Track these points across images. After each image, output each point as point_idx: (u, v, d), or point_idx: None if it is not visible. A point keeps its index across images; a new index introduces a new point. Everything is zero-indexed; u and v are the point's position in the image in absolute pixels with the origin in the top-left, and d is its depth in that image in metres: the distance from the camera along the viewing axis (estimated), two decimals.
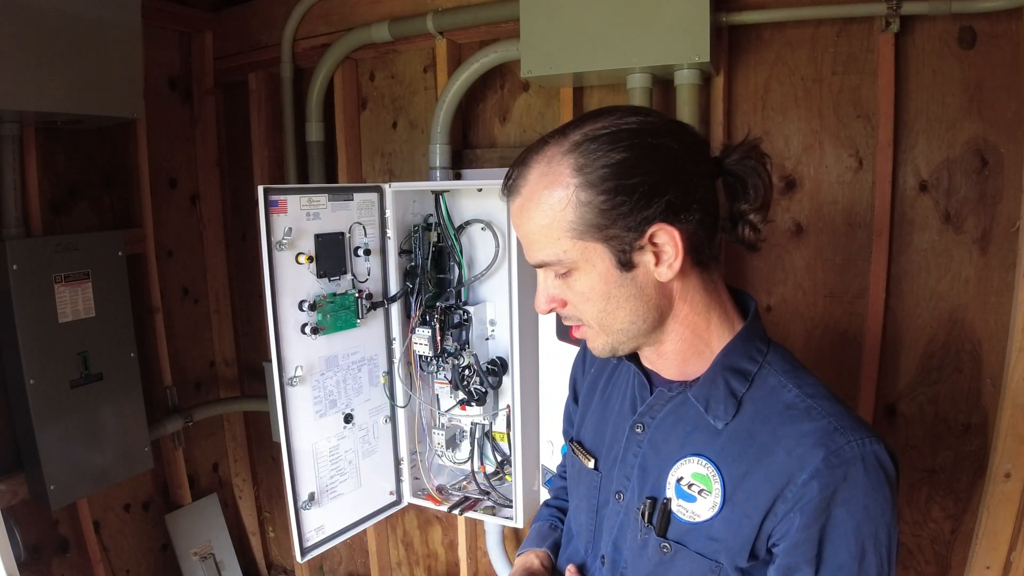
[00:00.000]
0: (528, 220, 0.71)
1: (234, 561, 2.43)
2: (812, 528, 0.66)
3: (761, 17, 1.44)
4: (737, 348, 0.74)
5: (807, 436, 0.68)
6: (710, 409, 0.73)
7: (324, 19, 1.99)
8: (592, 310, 0.73)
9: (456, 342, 1.61)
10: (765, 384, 0.73)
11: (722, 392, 0.73)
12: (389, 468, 1.72)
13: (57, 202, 1.94)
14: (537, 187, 0.70)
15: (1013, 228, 1.33)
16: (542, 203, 0.69)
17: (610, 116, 0.70)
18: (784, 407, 0.71)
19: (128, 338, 1.93)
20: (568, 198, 0.68)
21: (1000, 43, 1.32)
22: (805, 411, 0.70)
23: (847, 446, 0.66)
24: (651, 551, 0.76)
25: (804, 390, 0.71)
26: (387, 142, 2.07)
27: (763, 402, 0.72)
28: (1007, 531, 1.35)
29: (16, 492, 1.78)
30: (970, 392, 1.42)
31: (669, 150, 0.68)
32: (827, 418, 0.68)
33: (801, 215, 1.52)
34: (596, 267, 0.70)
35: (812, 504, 0.65)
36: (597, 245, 0.69)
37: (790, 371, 0.74)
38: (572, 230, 0.69)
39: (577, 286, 0.72)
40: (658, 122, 0.70)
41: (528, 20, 1.50)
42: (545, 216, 0.69)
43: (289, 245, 1.41)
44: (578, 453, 0.90)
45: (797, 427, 0.69)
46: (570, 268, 0.71)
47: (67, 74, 1.62)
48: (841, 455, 0.66)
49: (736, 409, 0.73)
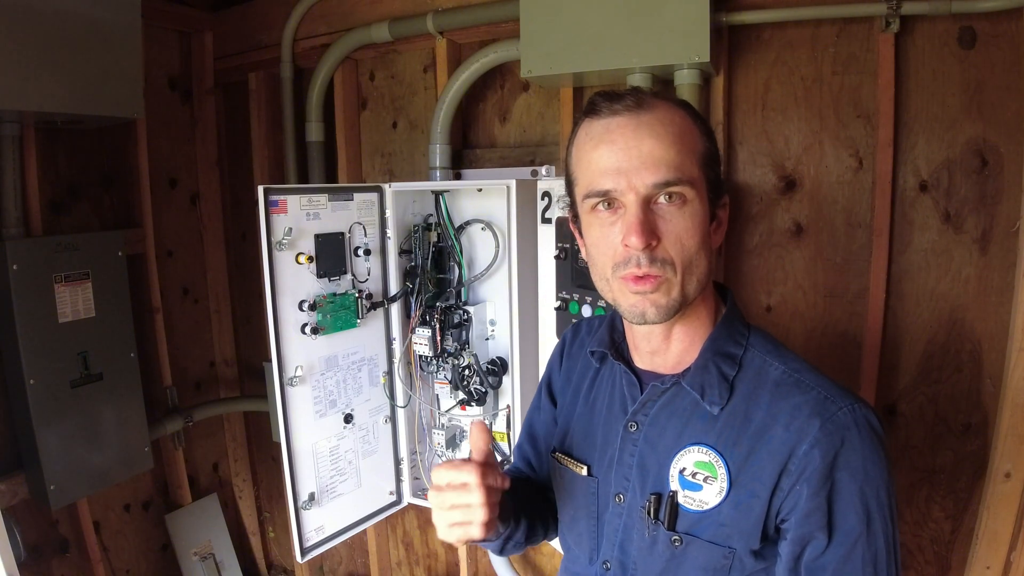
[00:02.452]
0: (659, 137, 0.70)
1: (234, 561, 2.43)
2: (820, 496, 0.68)
3: (761, 17, 1.44)
4: (722, 334, 0.78)
5: (800, 408, 0.70)
6: (705, 395, 0.75)
7: (324, 19, 1.99)
8: (687, 248, 0.70)
9: (456, 342, 1.61)
10: (752, 365, 0.76)
11: (715, 377, 0.75)
12: (389, 468, 1.72)
13: (57, 202, 1.94)
14: (669, 113, 0.72)
15: (1013, 228, 1.33)
16: (678, 125, 0.71)
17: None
18: (774, 384, 0.74)
19: (128, 338, 1.93)
20: (699, 132, 0.74)
21: (1000, 43, 1.33)
22: (794, 384, 0.73)
23: (839, 413, 0.69)
24: (661, 547, 0.76)
25: (789, 366, 0.75)
26: (387, 142, 2.07)
27: (753, 383, 0.75)
28: (1007, 531, 1.35)
29: (16, 492, 1.78)
30: (970, 392, 1.42)
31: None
32: (815, 389, 0.72)
33: (801, 215, 1.52)
34: (702, 204, 0.72)
35: (816, 472, 0.68)
36: (705, 185, 0.72)
37: (772, 350, 0.77)
38: (700, 158, 0.72)
39: (680, 220, 0.70)
40: None
41: (528, 20, 1.50)
42: (681, 137, 0.71)
43: (289, 245, 1.41)
44: (566, 463, 0.89)
45: (789, 401, 0.72)
46: (687, 195, 0.70)
47: (67, 74, 1.62)
48: (836, 421, 0.69)
49: (729, 393, 0.75)
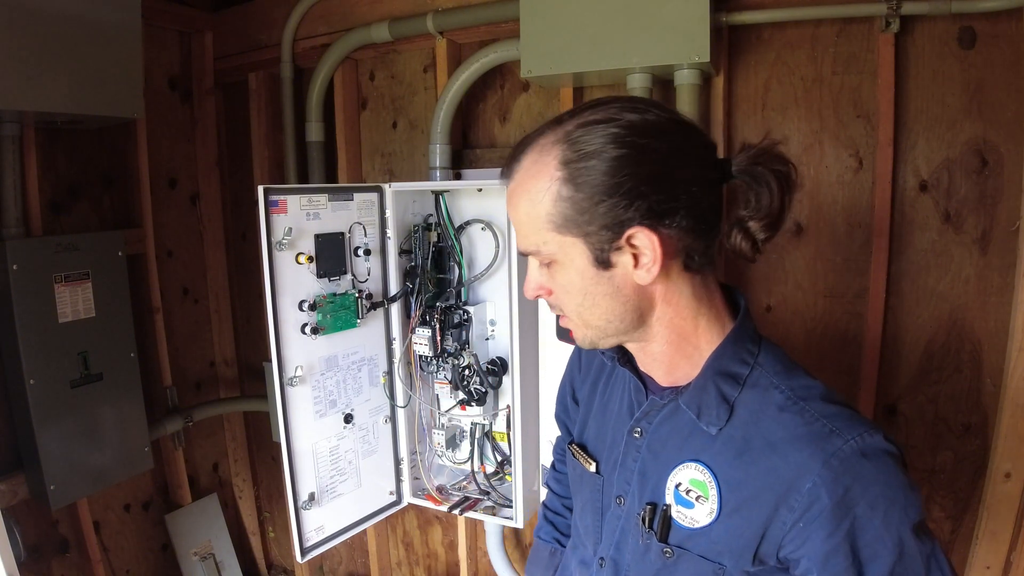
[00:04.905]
0: (515, 207, 0.71)
1: (234, 561, 2.43)
2: (837, 535, 0.64)
3: (761, 17, 1.44)
4: (727, 352, 0.73)
5: (801, 440, 0.66)
6: (702, 416, 0.72)
7: (324, 19, 1.98)
8: (571, 303, 0.72)
9: (456, 342, 1.61)
10: (757, 387, 0.71)
11: (713, 398, 0.72)
12: (389, 468, 1.72)
13: (57, 202, 1.94)
14: (527, 175, 0.69)
15: (1013, 228, 1.33)
16: (528, 191, 0.69)
17: (608, 108, 0.67)
18: (777, 410, 0.69)
19: (128, 338, 1.93)
20: (551, 190, 0.67)
21: (1000, 43, 1.33)
22: (798, 414, 0.68)
23: (845, 447, 0.64)
24: (653, 556, 0.75)
25: (796, 392, 0.69)
26: (387, 142, 2.07)
27: (756, 405, 0.70)
28: (1007, 531, 1.35)
29: (16, 492, 1.78)
30: (970, 392, 1.42)
31: (658, 152, 0.66)
32: (820, 420, 0.66)
33: (801, 215, 1.52)
34: (575, 262, 0.69)
35: (827, 512, 0.64)
36: (576, 240, 0.68)
37: (782, 372, 0.72)
38: (552, 222, 0.68)
39: (557, 278, 0.72)
40: (655, 120, 0.67)
41: (528, 20, 1.50)
42: (530, 205, 0.69)
43: (289, 245, 1.41)
44: (579, 457, 0.90)
45: (791, 431, 0.67)
46: (551, 259, 0.71)
47: (67, 74, 1.62)
48: (841, 456, 0.64)
49: (729, 414, 0.71)
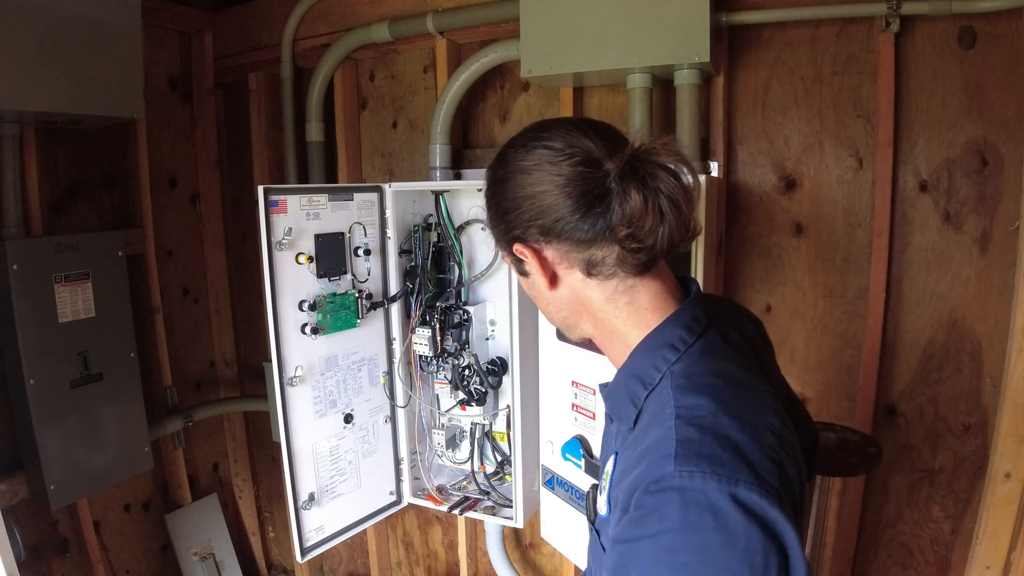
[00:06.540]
0: None
1: (234, 561, 2.43)
2: (620, 547, 0.61)
3: (761, 17, 1.44)
4: (639, 354, 0.72)
5: (650, 453, 0.62)
6: (615, 414, 0.75)
7: (324, 19, 1.99)
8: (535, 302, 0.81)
9: (456, 342, 1.61)
10: (662, 394, 0.68)
11: (624, 398, 0.73)
12: (389, 468, 1.72)
13: (57, 202, 1.94)
14: None
15: (1013, 228, 1.33)
16: None
17: (528, 131, 0.73)
18: (661, 421, 0.65)
19: (128, 338, 1.93)
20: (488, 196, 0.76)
21: (1000, 43, 1.33)
22: (668, 429, 0.63)
23: (673, 474, 0.58)
24: (591, 541, 0.80)
25: (679, 409, 0.64)
26: (387, 142, 2.07)
27: (655, 409, 0.68)
28: (1007, 531, 1.35)
29: (16, 492, 1.78)
30: (970, 392, 1.42)
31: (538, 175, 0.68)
32: (674, 442, 0.60)
33: (801, 215, 1.52)
34: (512, 269, 0.78)
35: (630, 524, 0.60)
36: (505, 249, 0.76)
37: (682, 385, 0.67)
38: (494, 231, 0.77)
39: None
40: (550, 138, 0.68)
41: (528, 20, 1.50)
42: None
43: (289, 245, 1.41)
44: None
45: (650, 443, 0.64)
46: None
47: (67, 74, 1.62)
48: (661, 483, 0.58)
49: (636, 415, 0.71)
